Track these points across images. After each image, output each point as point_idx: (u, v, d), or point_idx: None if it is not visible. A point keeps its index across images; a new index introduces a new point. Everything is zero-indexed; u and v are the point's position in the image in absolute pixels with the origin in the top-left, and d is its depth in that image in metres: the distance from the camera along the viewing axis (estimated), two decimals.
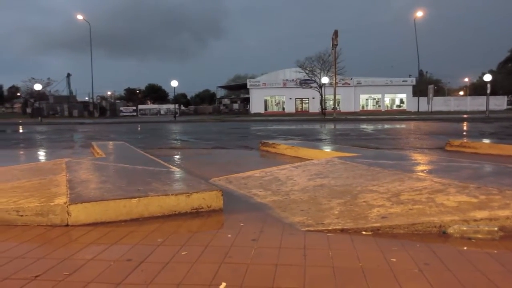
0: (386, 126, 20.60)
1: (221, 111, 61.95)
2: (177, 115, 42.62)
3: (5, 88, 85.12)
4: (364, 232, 2.41)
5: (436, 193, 2.89)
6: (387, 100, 60.41)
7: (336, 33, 39.50)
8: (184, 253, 2.14)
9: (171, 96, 75.24)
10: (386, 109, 58.51)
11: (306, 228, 2.51)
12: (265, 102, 60.70)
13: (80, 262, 2.03)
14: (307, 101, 58.59)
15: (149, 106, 67.03)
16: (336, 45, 39.77)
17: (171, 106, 55.22)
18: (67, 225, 2.66)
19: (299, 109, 59.40)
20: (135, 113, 57.45)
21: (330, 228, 2.48)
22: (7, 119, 44.03)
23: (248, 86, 60.99)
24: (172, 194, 2.93)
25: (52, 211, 2.69)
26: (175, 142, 11.74)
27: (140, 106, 62.19)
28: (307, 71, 49.45)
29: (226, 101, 70.84)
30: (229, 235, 2.42)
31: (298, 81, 54.70)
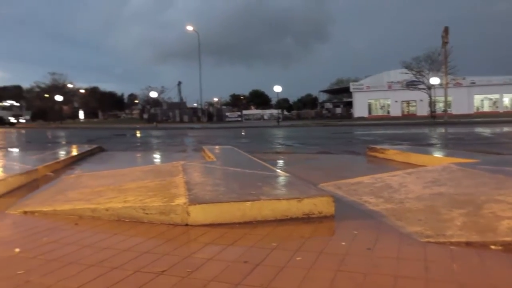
0: (506, 129, 18.74)
1: (324, 116, 61.44)
2: (280, 120, 43.21)
3: (125, 95, 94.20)
4: (493, 247, 2.20)
5: None
6: (506, 100, 54.94)
7: (446, 30, 37.00)
8: (299, 258, 2.14)
9: (274, 101, 76.70)
10: (505, 110, 53.14)
11: (426, 239, 2.37)
12: (369, 105, 58.97)
13: (200, 261, 2.14)
14: (414, 103, 55.69)
15: (253, 111, 68.96)
16: (447, 42, 37.25)
17: (274, 111, 56.29)
18: (186, 225, 2.83)
19: (405, 113, 56.66)
20: (239, 118, 59.46)
21: (452, 240, 2.31)
22: (127, 124, 48.39)
23: (351, 90, 59.83)
24: (283, 199, 2.97)
25: (173, 210, 2.88)
26: (279, 146, 11.91)
27: (244, 112, 64.28)
28: (414, 72, 46.97)
29: (329, 105, 70.18)
30: (343, 243, 2.37)
31: (404, 82, 52.22)
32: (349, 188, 3.95)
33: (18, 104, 52.80)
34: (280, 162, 7.06)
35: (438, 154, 6.54)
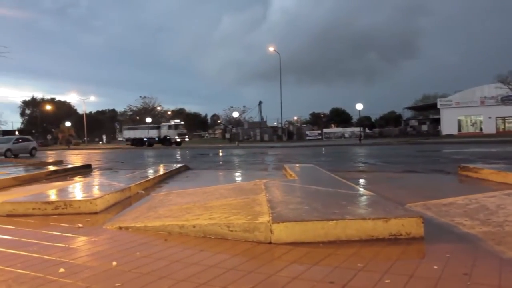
0: None
1: (408, 133, 58.84)
2: (361, 138, 42.18)
3: (209, 116, 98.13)
4: None
5: None
6: None
7: None
8: (388, 281, 2.05)
9: (355, 119, 75.27)
10: None
11: None
12: (459, 122, 55.51)
13: (286, 280, 2.13)
14: (511, 120, 51.49)
15: (333, 129, 68.03)
16: None
17: (355, 129, 55.14)
18: (269, 243, 2.85)
19: (501, 129, 52.48)
20: (320, 137, 58.97)
21: None
22: (210, 143, 50.01)
23: (438, 106, 56.83)
24: (369, 218, 2.88)
25: (257, 228, 2.91)
26: (362, 165, 11.60)
27: (324, 130, 63.66)
28: (510, 86, 43.63)
29: (414, 122, 67.14)
30: (435, 266, 2.24)
31: (499, 98, 48.62)
32: (440, 209, 3.73)
33: (183, 123, 51.23)
34: (363, 180, 6.87)
35: None
